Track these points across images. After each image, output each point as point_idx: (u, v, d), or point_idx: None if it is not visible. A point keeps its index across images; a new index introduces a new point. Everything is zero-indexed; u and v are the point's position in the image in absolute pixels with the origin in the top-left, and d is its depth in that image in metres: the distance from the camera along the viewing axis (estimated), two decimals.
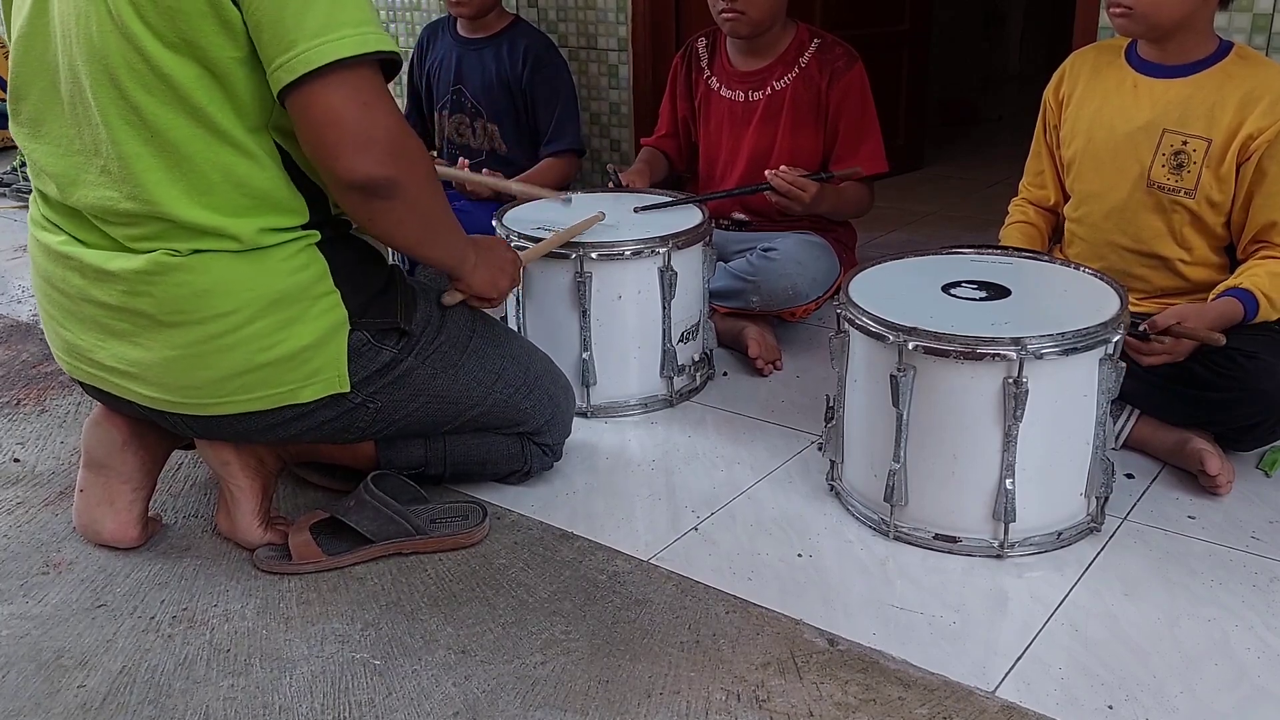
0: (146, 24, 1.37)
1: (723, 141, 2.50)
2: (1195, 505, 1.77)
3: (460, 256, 1.66)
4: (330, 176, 1.43)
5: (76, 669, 1.44)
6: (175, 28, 1.37)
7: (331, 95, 1.37)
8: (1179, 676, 1.38)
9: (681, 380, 2.19)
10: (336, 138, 1.38)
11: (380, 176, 1.41)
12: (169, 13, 1.37)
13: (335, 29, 1.36)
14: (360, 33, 1.37)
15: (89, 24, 1.40)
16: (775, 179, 2.19)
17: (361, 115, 1.38)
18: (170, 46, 1.38)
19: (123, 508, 1.69)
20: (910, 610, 1.52)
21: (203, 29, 1.37)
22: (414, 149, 1.48)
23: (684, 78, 2.56)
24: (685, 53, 2.56)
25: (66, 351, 1.61)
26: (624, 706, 1.34)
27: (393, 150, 1.41)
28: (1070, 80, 1.97)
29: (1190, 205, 1.81)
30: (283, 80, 1.36)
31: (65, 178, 1.50)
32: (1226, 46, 1.80)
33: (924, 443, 1.63)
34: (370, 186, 1.42)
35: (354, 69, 1.37)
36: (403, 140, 1.44)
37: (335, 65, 1.35)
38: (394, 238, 1.54)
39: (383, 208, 1.46)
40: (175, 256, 1.46)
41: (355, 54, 1.36)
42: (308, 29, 1.35)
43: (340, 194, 1.46)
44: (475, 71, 2.90)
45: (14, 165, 4.15)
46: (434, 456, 1.77)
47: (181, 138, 1.42)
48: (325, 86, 1.36)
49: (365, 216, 1.49)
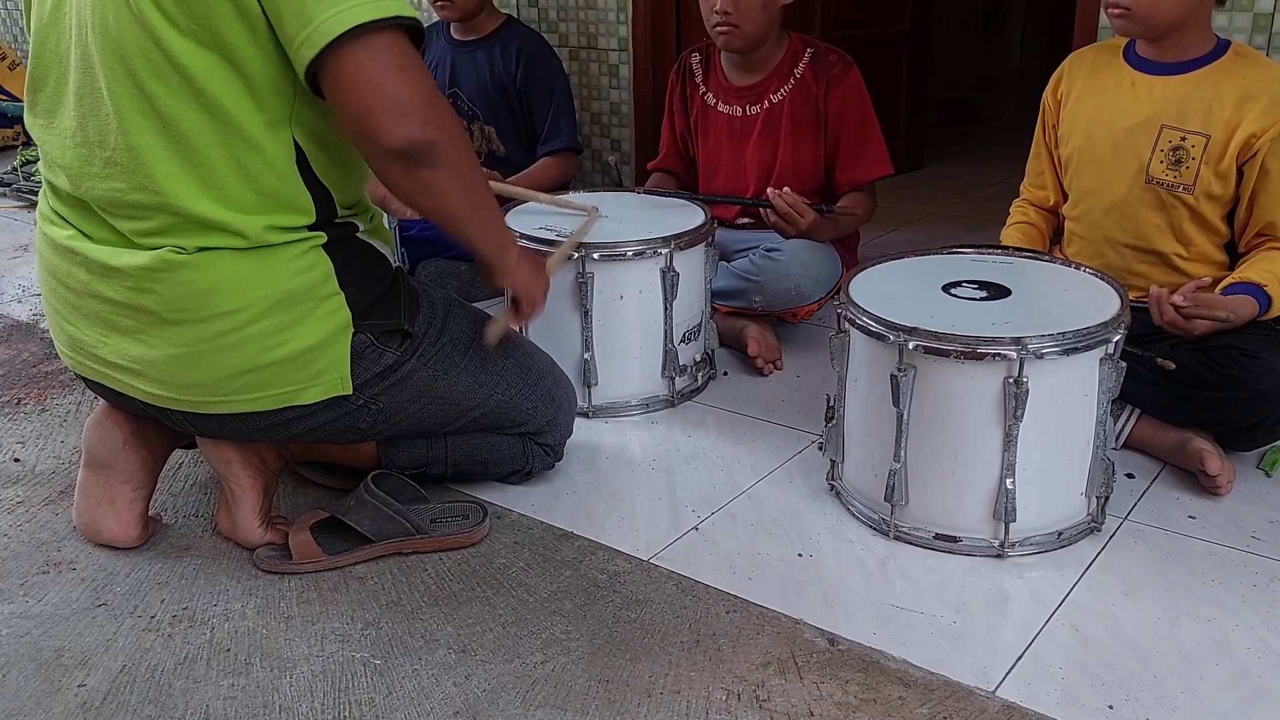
0: (164, 13, 1.38)
1: (723, 156, 2.49)
2: (1196, 505, 1.77)
3: (505, 242, 1.65)
4: (372, 146, 1.40)
5: (77, 668, 1.44)
6: (192, 16, 1.38)
7: (361, 60, 1.36)
8: (1179, 676, 1.38)
9: (683, 381, 2.19)
10: (373, 102, 1.36)
11: (421, 140, 1.39)
12: (187, 2, 1.37)
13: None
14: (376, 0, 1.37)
15: (106, 14, 1.41)
16: (776, 199, 2.19)
17: (396, 78, 1.37)
18: (187, 35, 1.39)
19: (123, 507, 1.69)
20: (910, 610, 1.52)
21: (220, 16, 1.37)
22: (450, 113, 1.47)
23: (679, 93, 2.56)
24: (679, 68, 2.55)
25: (70, 347, 1.62)
26: (624, 706, 1.35)
27: (431, 113, 1.40)
28: (1069, 79, 1.98)
29: (1189, 200, 1.81)
30: (306, 56, 1.36)
31: (75, 169, 1.50)
32: (1224, 45, 1.81)
33: (924, 442, 1.63)
34: (412, 151, 1.40)
35: (380, 33, 1.36)
36: (439, 104, 1.44)
37: (359, 31, 1.34)
38: (445, 210, 1.51)
39: (428, 176, 1.44)
40: (181, 254, 1.46)
41: (374, 19, 1.36)
42: (324, 1, 1.35)
43: (383, 165, 1.43)
44: (470, 74, 2.90)
45: (14, 165, 4.15)
46: (436, 456, 1.77)
47: (194, 129, 1.43)
48: (354, 53, 1.35)
49: (412, 188, 1.46)
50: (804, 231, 2.23)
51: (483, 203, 1.57)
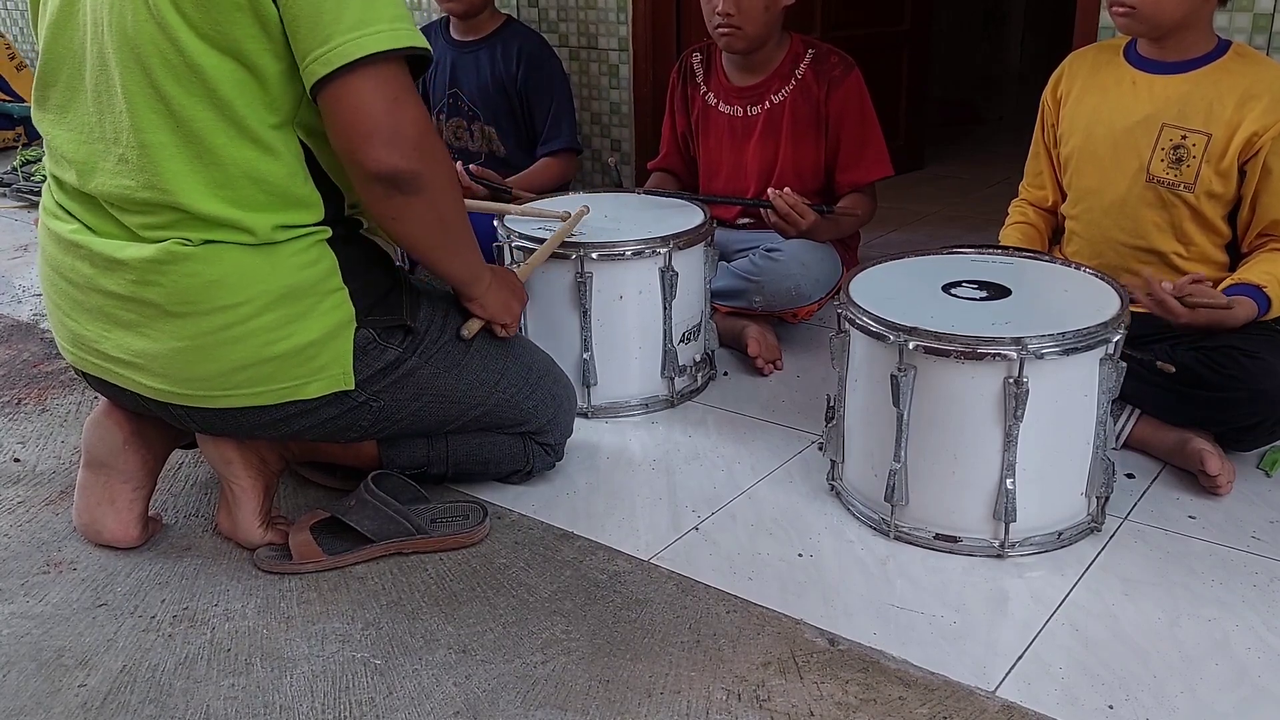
0: (183, 15, 1.40)
1: (723, 157, 2.50)
2: (1196, 505, 1.77)
3: (476, 273, 1.68)
4: (357, 169, 1.45)
5: (77, 668, 1.44)
6: (211, 21, 1.39)
7: (363, 89, 1.40)
8: (1179, 676, 1.38)
9: (682, 381, 2.19)
10: (368, 130, 1.41)
11: (406, 169, 1.43)
12: (205, 6, 1.39)
13: (371, 24, 1.39)
14: (394, 28, 1.41)
15: (124, 13, 1.42)
16: (777, 199, 2.19)
17: (391, 109, 1.42)
18: (204, 39, 1.41)
19: (123, 507, 1.69)
20: (910, 610, 1.52)
21: (238, 22, 1.39)
22: (439, 148, 1.52)
23: (680, 93, 2.56)
24: (680, 68, 2.56)
25: (72, 342, 1.62)
26: (624, 706, 1.35)
27: (419, 145, 1.44)
28: (1069, 79, 1.98)
29: (1190, 199, 1.81)
30: (317, 73, 1.39)
31: (85, 165, 1.51)
32: (1225, 45, 1.82)
33: (924, 442, 1.63)
34: (395, 179, 1.44)
35: (386, 64, 1.41)
36: (430, 138, 1.48)
37: (369, 59, 1.38)
38: (414, 238, 1.55)
39: (405, 204, 1.48)
40: (187, 246, 1.47)
41: (389, 48, 1.40)
42: (344, 23, 1.38)
43: (365, 187, 1.47)
44: (470, 74, 2.90)
45: (14, 165, 4.15)
46: (437, 456, 1.77)
47: (206, 130, 1.44)
48: (358, 80, 1.39)
49: (388, 212, 1.50)
50: (804, 232, 2.23)
51: (455, 238, 1.60)
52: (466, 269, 1.66)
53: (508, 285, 1.77)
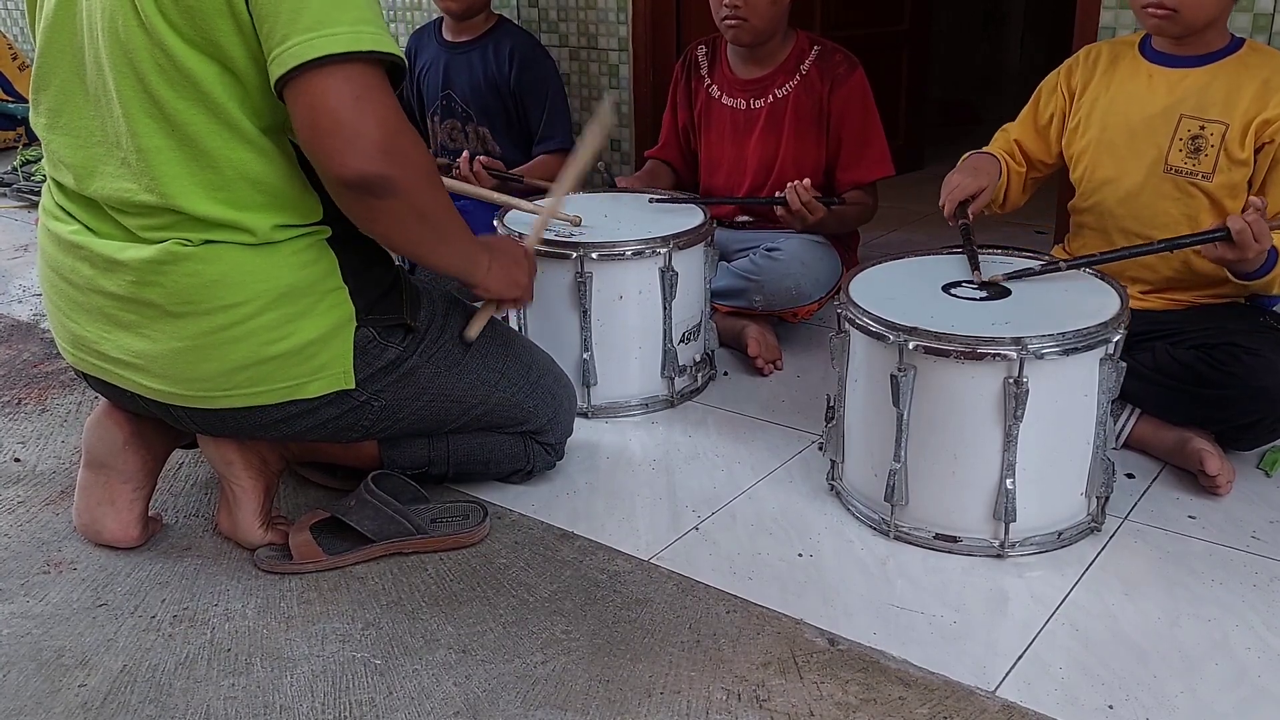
0: (169, 21, 1.39)
1: (725, 150, 2.50)
2: (1195, 505, 1.77)
3: (472, 260, 1.64)
4: (324, 174, 1.41)
5: (77, 668, 1.44)
6: (194, 26, 1.39)
7: (322, 88, 1.35)
8: (1179, 676, 1.38)
9: (682, 381, 2.19)
10: (327, 131, 1.36)
11: (373, 174, 1.38)
12: (188, 11, 1.38)
13: (329, 25, 1.35)
14: (355, 31, 1.36)
15: (115, 19, 1.42)
16: (792, 195, 2.19)
17: (352, 108, 1.36)
18: (191, 44, 1.40)
19: (123, 507, 1.69)
20: (910, 610, 1.52)
21: (219, 27, 1.39)
22: (410, 146, 1.44)
23: (684, 85, 2.56)
24: (685, 60, 2.56)
25: (72, 343, 1.62)
26: (624, 706, 1.35)
27: (386, 146, 1.38)
28: (1085, 70, 1.97)
29: (1208, 188, 1.82)
30: (275, 73, 1.37)
31: (84, 168, 1.51)
32: (1240, 40, 1.84)
33: (924, 443, 1.63)
34: (363, 184, 1.39)
35: (348, 64, 1.36)
36: (397, 137, 1.41)
37: (328, 60, 1.34)
38: (396, 240, 1.51)
39: (380, 207, 1.43)
40: (187, 246, 1.46)
41: (347, 50, 1.35)
42: (301, 24, 1.35)
43: (336, 193, 1.44)
44: (463, 75, 2.89)
45: (14, 165, 4.15)
46: (437, 456, 1.77)
47: (201, 132, 1.43)
48: (317, 80, 1.35)
49: (364, 216, 1.46)
50: (814, 226, 2.23)
51: (438, 232, 1.54)
52: (459, 259, 1.62)
53: (510, 258, 1.72)
